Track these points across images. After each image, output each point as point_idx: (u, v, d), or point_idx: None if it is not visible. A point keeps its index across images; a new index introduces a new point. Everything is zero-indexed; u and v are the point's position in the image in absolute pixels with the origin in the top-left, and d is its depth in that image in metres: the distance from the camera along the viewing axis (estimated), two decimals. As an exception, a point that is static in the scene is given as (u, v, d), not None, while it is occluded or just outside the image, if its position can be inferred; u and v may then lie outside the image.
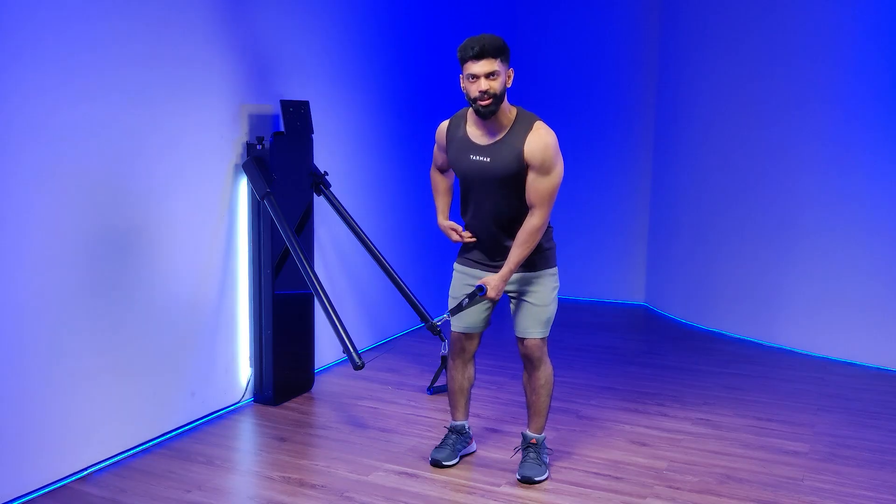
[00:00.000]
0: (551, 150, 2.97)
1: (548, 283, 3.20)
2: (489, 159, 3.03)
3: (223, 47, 3.84)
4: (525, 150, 2.97)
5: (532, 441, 3.32)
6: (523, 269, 3.15)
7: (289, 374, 4.16)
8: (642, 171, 6.43)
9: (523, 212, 3.06)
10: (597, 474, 3.35)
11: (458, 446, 3.44)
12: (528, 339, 3.20)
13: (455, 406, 3.45)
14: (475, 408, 3.86)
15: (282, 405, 4.10)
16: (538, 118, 3.05)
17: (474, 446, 3.56)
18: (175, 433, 3.69)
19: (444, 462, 3.38)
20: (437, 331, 3.15)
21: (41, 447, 3.09)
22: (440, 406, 4.11)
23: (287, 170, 3.99)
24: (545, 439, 3.37)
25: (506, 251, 3.11)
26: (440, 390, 4.30)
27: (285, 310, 4.08)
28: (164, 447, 3.55)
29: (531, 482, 3.23)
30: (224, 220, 3.91)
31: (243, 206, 4.01)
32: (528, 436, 3.34)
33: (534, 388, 3.28)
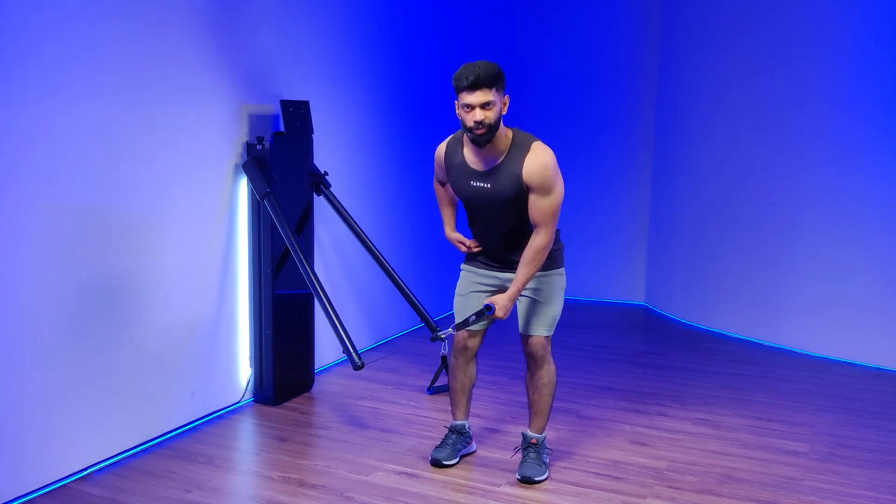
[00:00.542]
0: (550, 171, 2.98)
1: (555, 283, 3.21)
2: (489, 185, 3.05)
3: (223, 47, 3.84)
4: (524, 174, 2.98)
5: (532, 441, 3.32)
6: None
7: (289, 374, 4.16)
8: (642, 171, 6.43)
9: (531, 225, 3.07)
10: (597, 474, 3.35)
11: (458, 446, 3.44)
12: (533, 337, 3.21)
13: (456, 405, 3.45)
14: (475, 408, 3.86)
15: (282, 405, 4.10)
16: (535, 138, 3.05)
17: (474, 446, 3.56)
18: (175, 433, 3.69)
19: (445, 461, 3.38)
20: (440, 338, 3.16)
21: (41, 447, 3.09)
22: (440, 406, 4.11)
23: (287, 170, 3.99)
24: (545, 439, 3.37)
25: (514, 258, 3.13)
26: (440, 390, 4.30)
27: (285, 310, 4.08)
28: (164, 447, 3.55)
29: (531, 482, 3.23)
30: (224, 220, 3.91)
31: (243, 206, 4.01)
32: (528, 436, 3.34)
33: (536, 387, 3.28)
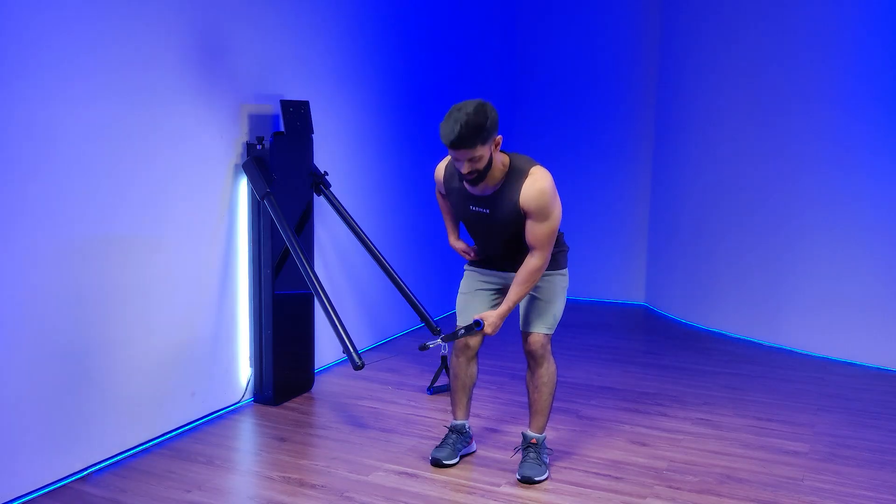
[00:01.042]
0: (547, 197, 2.99)
1: (557, 283, 3.23)
2: (488, 210, 3.09)
3: (223, 47, 3.84)
4: (521, 201, 3.00)
5: (532, 441, 3.32)
6: None
7: (289, 374, 4.16)
8: (642, 171, 6.43)
9: None
10: (597, 474, 3.35)
11: (458, 446, 3.44)
12: (533, 334, 3.22)
13: (457, 404, 3.45)
14: (475, 408, 3.86)
15: (282, 405, 4.10)
16: (533, 163, 3.06)
17: (474, 446, 3.56)
18: (175, 433, 3.69)
19: (445, 461, 3.38)
20: (427, 347, 3.16)
21: (41, 447, 3.09)
22: (440, 406, 4.11)
23: (287, 170, 3.99)
24: (545, 439, 3.37)
25: (515, 261, 3.14)
26: (440, 390, 4.30)
27: (285, 310, 4.08)
28: (164, 447, 3.55)
29: (531, 482, 3.23)
30: (224, 220, 3.91)
31: (243, 206, 4.01)
32: (528, 435, 3.34)
33: (536, 386, 3.28)
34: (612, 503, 3.11)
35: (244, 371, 4.11)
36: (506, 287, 3.23)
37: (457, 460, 3.43)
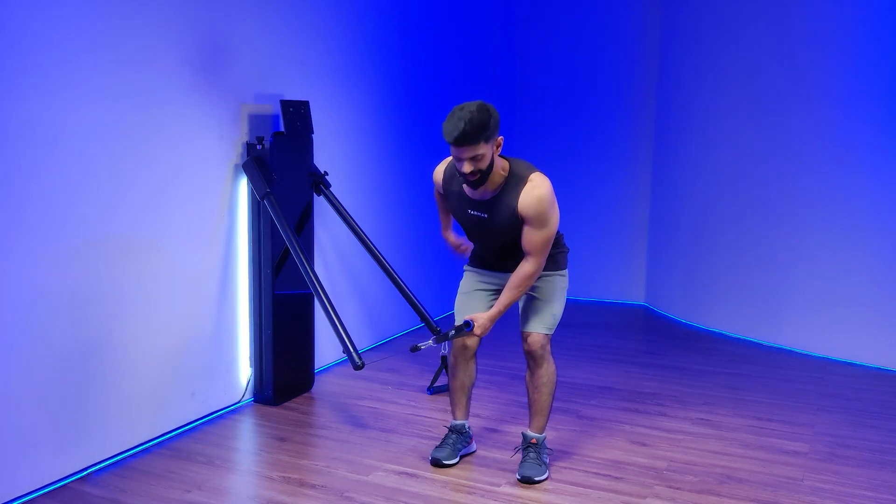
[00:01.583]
0: (545, 204, 2.99)
1: (557, 283, 3.23)
2: (487, 215, 3.10)
3: (223, 47, 3.84)
4: (519, 207, 3.01)
5: (532, 441, 3.32)
6: None
7: (289, 374, 4.16)
8: (642, 171, 6.43)
9: None
10: (597, 474, 3.35)
11: (458, 446, 3.44)
12: (532, 334, 3.22)
13: (456, 404, 3.45)
14: (475, 408, 3.86)
15: (282, 405, 4.10)
16: (533, 169, 3.07)
17: (474, 446, 3.56)
18: (175, 433, 3.69)
19: (445, 461, 3.38)
20: (419, 349, 3.16)
21: (41, 447, 3.09)
22: (440, 406, 4.11)
23: (287, 170, 3.99)
24: (545, 439, 3.37)
25: (512, 263, 3.14)
26: (440, 390, 4.30)
27: (285, 310, 4.08)
28: (164, 447, 3.55)
29: (531, 482, 3.23)
30: (224, 220, 3.91)
31: (243, 206, 4.01)
32: (528, 435, 3.34)
33: (536, 386, 3.28)
34: (612, 503, 3.11)
35: (244, 371, 4.11)
36: (503, 287, 3.23)
37: (457, 460, 3.43)
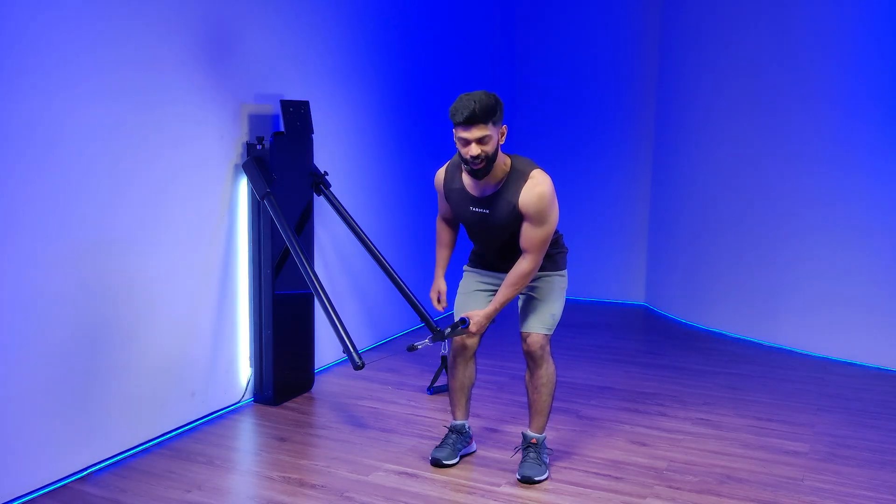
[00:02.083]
0: (546, 202, 3.00)
1: (556, 283, 3.24)
2: (488, 211, 3.11)
3: (223, 47, 3.84)
4: (519, 203, 3.02)
5: (532, 441, 3.32)
6: None
7: (289, 374, 4.16)
8: (642, 171, 6.43)
9: None
10: (597, 474, 3.35)
11: (458, 446, 3.44)
12: (531, 335, 3.22)
13: (456, 405, 3.45)
14: (475, 408, 3.86)
15: (282, 405, 4.10)
16: (534, 166, 3.08)
17: (474, 446, 3.56)
18: (175, 433, 3.69)
19: (445, 461, 3.38)
20: (416, 348, 3.16)
21: (41, 447, 3.09)
22: (440, 406, 4.11)
23: (287, 170, 3.99)
24: (545, 439, 3.37)
25: (511, 263, 3.14)
26: (440, 390, 4.30)
27: (285, 310, 4.08)
28: (164, 447, 3.55)
29: (531, 482, 3.23)
30: (224, 220, 3.91)
31: (243, 206, 4.01)
32: (528, 435, 3.34)
33: (535, 387, 3.28)
34: (612, 503, 3.11)
35: (244, 371, 4.11)
36: None
37: (457, 460, 3.43)
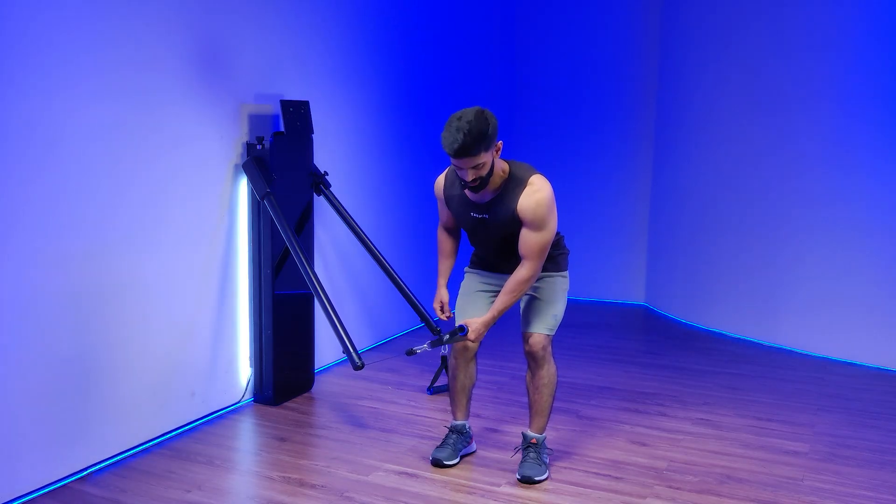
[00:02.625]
0: (544, 208, 3.00)
1: (558, 284, 3.24)
2: (487, 216, 3.11)
3: (223, 47, 3.84)
4: (518, 210, 3.02)
5: (532, 441, 3.32)
6: None
7: (289, 374, 4.16)
8: (642, 171, 6.43)
9: None
10: (597, 474, 3.35)
11: (458, 446, 3.44)
12: (533, 335, 3.22)
13: (456, 405, 3.45)
14: (475, 408, 3.86)
15: (282, 405, 4.10)
16: (533, 171, 3.07)
17: (474, 446, 3.56)
18: (175, 433, 3.69)
19: (445, 461, 3.38)
20: (414, 353, 3.17)
21: (41, 447, 3.09)
22: (440, 406, 4.11)
23: (287, 170, 3.99)
24: (545, 439, 3.37)
25: (512, 267, 3.14)
26: (440, 390, 4.30)
27: (285, 310, 4.08)
28: (164, 447, 3.55)
29: (531, 482, 3.23)
30: (224, 220, 3.91)
31: (243, 206, 4.01)
32: (528, 435, 3.34)
33: (536, 387, 3.28)
34: (612, 503, 3.11)
35: (244, 371, 4.11)
36: None
37: (457, 460, 3.43)
